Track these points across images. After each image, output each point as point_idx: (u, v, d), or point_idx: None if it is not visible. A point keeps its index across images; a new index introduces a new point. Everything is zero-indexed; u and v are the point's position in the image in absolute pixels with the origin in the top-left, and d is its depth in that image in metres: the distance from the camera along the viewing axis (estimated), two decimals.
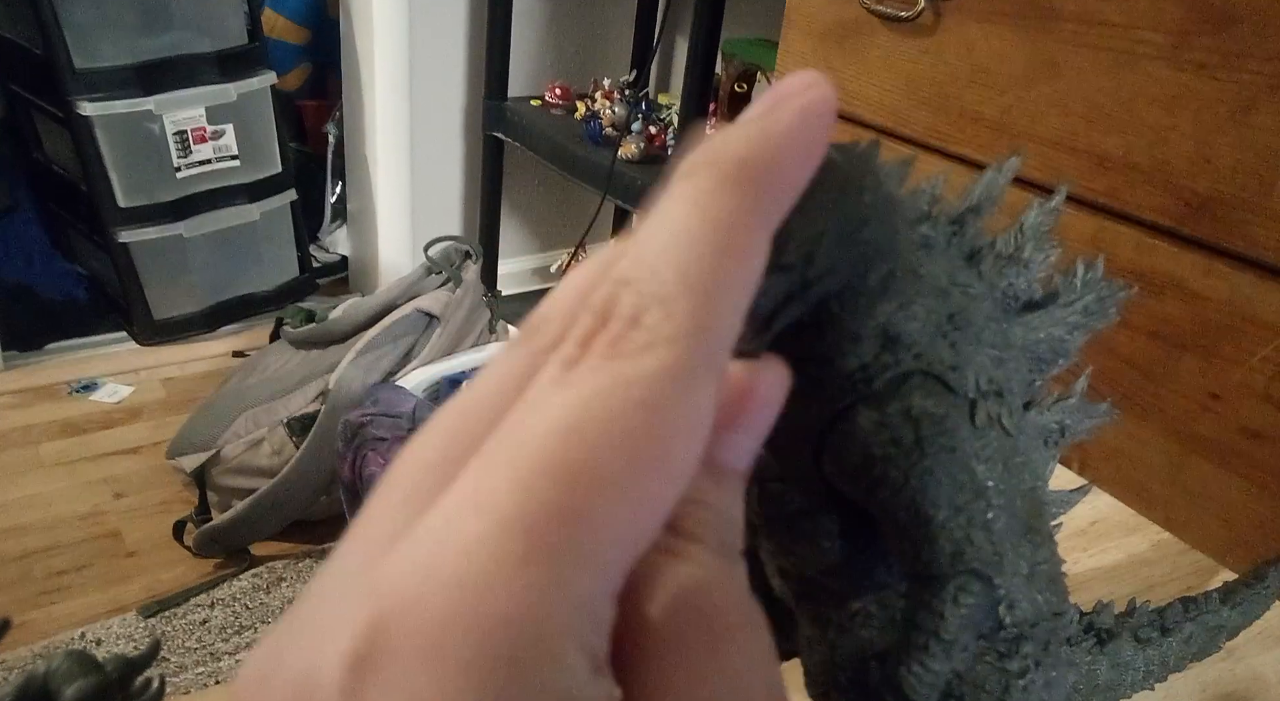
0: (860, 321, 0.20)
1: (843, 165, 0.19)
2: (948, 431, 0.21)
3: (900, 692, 0.22)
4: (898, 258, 0.20)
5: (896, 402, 0.21)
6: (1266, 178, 0.73)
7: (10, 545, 1.54)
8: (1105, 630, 0.31)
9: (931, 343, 0.21)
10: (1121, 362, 0.84)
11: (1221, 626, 0.35)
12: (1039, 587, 0.25)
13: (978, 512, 0.21)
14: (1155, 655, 0.32)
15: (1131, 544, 0.58)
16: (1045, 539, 0.25)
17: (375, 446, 1.28)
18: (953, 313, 0.22)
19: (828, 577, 0.24)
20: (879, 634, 0.23)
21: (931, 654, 0.21)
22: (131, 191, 1.93)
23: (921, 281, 0.22)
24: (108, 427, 1.84)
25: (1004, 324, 0.24)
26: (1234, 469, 0.79)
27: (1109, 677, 0.31)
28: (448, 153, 2.23)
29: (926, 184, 0.24)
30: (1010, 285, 0.25)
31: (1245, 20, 0.73)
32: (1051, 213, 0.26)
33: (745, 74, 1.80)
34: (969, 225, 0.24)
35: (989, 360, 0.23)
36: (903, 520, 0.21)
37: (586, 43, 2.26)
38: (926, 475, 0.21)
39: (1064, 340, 0.26)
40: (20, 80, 1.97)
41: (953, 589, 0.21)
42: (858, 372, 0.21)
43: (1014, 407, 0.24)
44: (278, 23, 2.32)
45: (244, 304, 2.17)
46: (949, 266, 0.23)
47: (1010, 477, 0.22)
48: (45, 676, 0.29)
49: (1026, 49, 0.88)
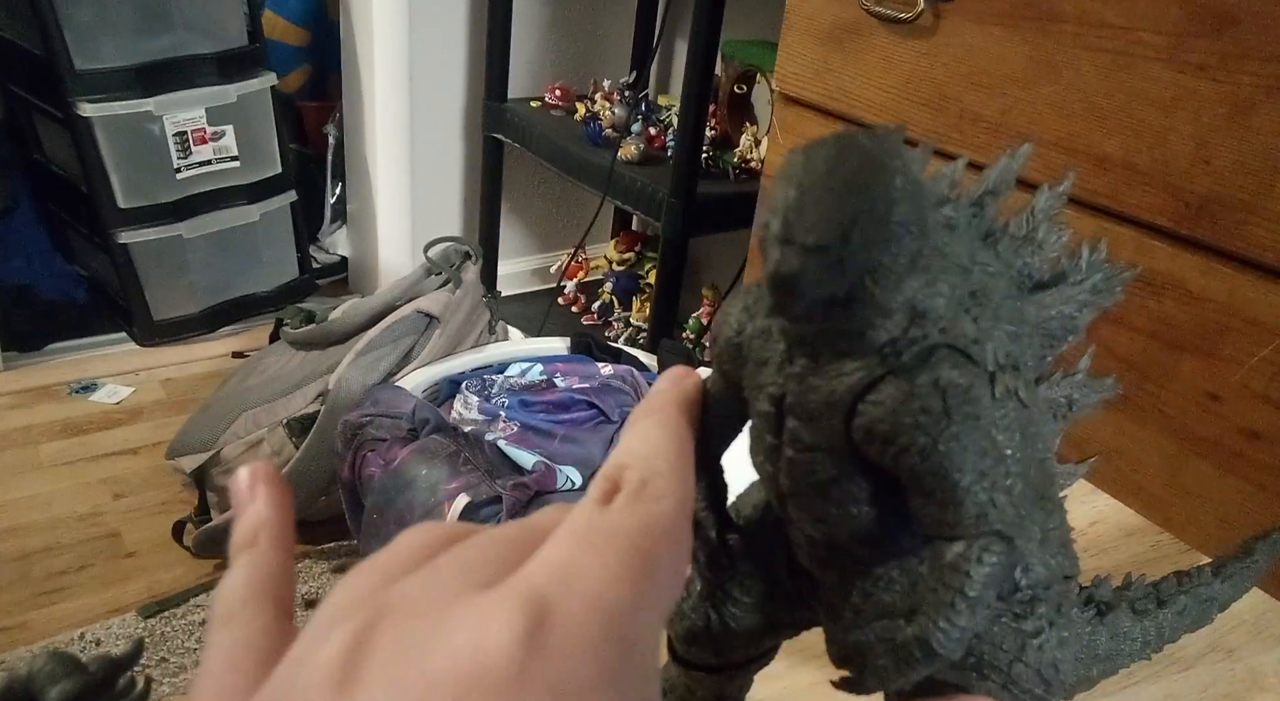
0: (890, 297, 0.21)
1: (872, 150, 0.20)
2: (973, 400, 0.22)
3: (928, 647, 0.23)
4: (926, 237, 0.21)
5: (925, 374, 0.22)
6: (1265, 178, 0.73)
7: (10, 545, 1.54)
8: (1104, 602, 0.32)
9: (956, 317, 0.23)
10: (1121, 363, 0.84)
11: (1213, 598, 0.36)
12: (1051, 551, 0.26)
13: (999, 478, 0.22)
14: (1151, 626, 0.34)
15: (1131, 544, 0.58)
16: (1056, 506, 0.27)
17: (375, 447, 1.28)
18: (974, 290, 0.24)
19: (856, 543, 0.25)
20: (901, 598, 0.25)
21: (958, 610, 0.22)
22: (131, 192, 1.93)
23: (946, 259, 0.23)
24: (107, 428, 1.84)
25: (1019, 301, 0.26)
26: (1233, 469, 0.79)
27: (1108, 648, 0.32)
28: (447, 154, 2.23)
29: (947, 169, 0.25)
30: (1025, 264, 0.26)
31: (1244, 22, 0.73)
32: (1061, 196, 0.27)
33: (745, 75, 1.80)
34: (988, 207, 0.26)
35: (1006, 335, 0.24)
36: (930, 485, 0.22)
37: (586, 44, 2.26)
38: (953, 441, 0.22)
39: (1074, 317, 0.27)
40: (20, 81, 1.97)
41: (977, 549, 0.22)
42: (887, 346, 0.22)
43: (1028, 381, 0.25)
44: (278, 24, 2.33)
45: (244, 305, 2.17)
46: (970, 246, 0.25)
47: (1025, 447, 0.23)
48: (28, 677, 0.29)
49: (1026, 50, 0.88)
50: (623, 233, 2.28)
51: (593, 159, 1.79)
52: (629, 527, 0.20)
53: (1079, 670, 0.30)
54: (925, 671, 0.23)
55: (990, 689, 0.26)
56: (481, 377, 1.47)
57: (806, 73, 1.11)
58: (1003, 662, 0.25)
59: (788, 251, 0.20)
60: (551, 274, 2.37)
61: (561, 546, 0.19)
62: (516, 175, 2.25)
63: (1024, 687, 0.26)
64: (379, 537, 1.21)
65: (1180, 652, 0.48)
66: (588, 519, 0.20)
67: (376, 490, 1.24)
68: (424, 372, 1.49)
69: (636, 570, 0.19)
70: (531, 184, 2.34)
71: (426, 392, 1.45)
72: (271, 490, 0.23)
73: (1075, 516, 0.32)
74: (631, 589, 0.18)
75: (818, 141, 0.21)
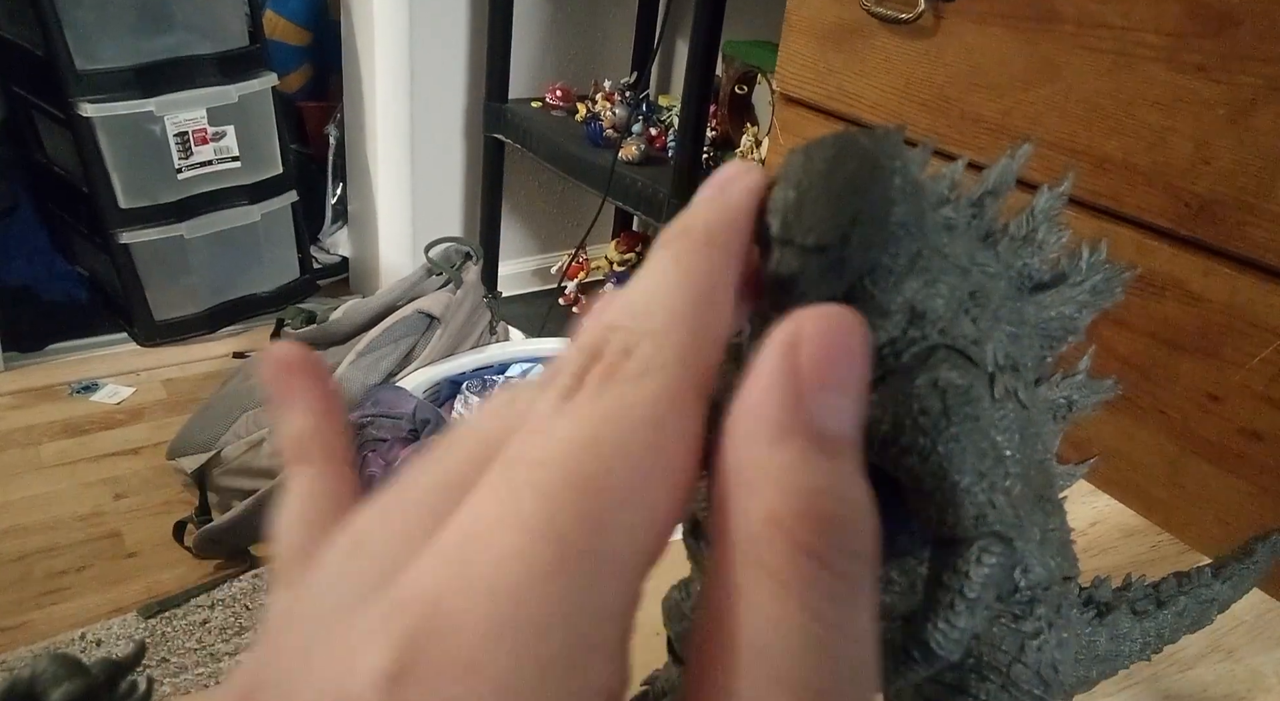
0: (890, 298, 0.21)
1: (871, 150, 0.20)
2: (972, 401, 0.22)
3: (927, 648, 0.23)
4: (925, 237, 0.21)
5: (924, 374, 0.22)
6: (1266, 179, 0.73)
7: (10, 545, 1.54)
8: (1104, 603, 0.32)
9: (955, 318, 0.23)
10: (1121, 363, 0.84)
11: (1213, 599, 0.36)
12: (1051, 552, 0.26)
13: (999, 479, 0.22)
14: (1151, 627, 0.34)
15: (1131, 545, 0.58)
16: (1055, 507, 0.27)
17: (375, 447, 1.29)
18: (974, 290, 0.23)
19: None
20: (900, 599, 0.25)
21: (957, 611, 0.22)
22: (132, 192, 1.93)
23: (945, 260, 0.23)
24: (108, 428, 1.85)
25: (1018, 302, 0.26)
26: (1233, 470, 0.79)
27: (1108, 648, 0.32)
28: (448, 154, 2.23)
29: (946, 170, 0.25)
30: (1025, 265, 0.26)
31: (1244, 22, 0.73)
32: (1061, 197, 0.27)
33: (745, 75, 1.80)
34: (987, 208, 0.26)
35: (1005, 336, 0.24)
36: (929, 486, 0.22)
37: (587, 44, 2.26)
38: (953, 442, 0.22)
39: (1074, 318, 0.27)
40: (21, 81, 1.97)
41: (977, 550, 0.22)
42: (886, 346, 0.22)
43: (1028, 382, 0.25)
44: (279, 24, 2.33)
45: (245, 305, 2.17)
46: (969, 247, 0.24)
47: (1025, 448, 0.23)
48: (31, 680, 0.29)
49: (1026, 51, 0.88)
50: (623, 233, 2.28)
51: (593, 159, 1.79)
52: (581, 439, 0.14)
53: (1078, 671, 0.30)
54: (924, 672, 0.23)
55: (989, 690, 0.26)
56: (482, 378, 1.47)
57: (807, 73, 1.11)
58: (1002, 663, 0.26)
59: (786, 252, 0.20)
60: (552, 274, 2.37)
61: (477, 507, 0.14)
62: (517, 176, 2.25)
63: (1023, 688, 0.26)
64: None
65: (1180, 653, 0.48)
66: (526, 442, 0.14)
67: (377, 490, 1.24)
68: (425, 373, 1.49)
69: (578, 518, 0.13)
70: (532, 184, 2.34)
71: (427, 393, 1.45)
72: (310, 389, 0.19)
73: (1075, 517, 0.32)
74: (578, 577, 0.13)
75: (817, 141, 0.20)
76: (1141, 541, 0.58)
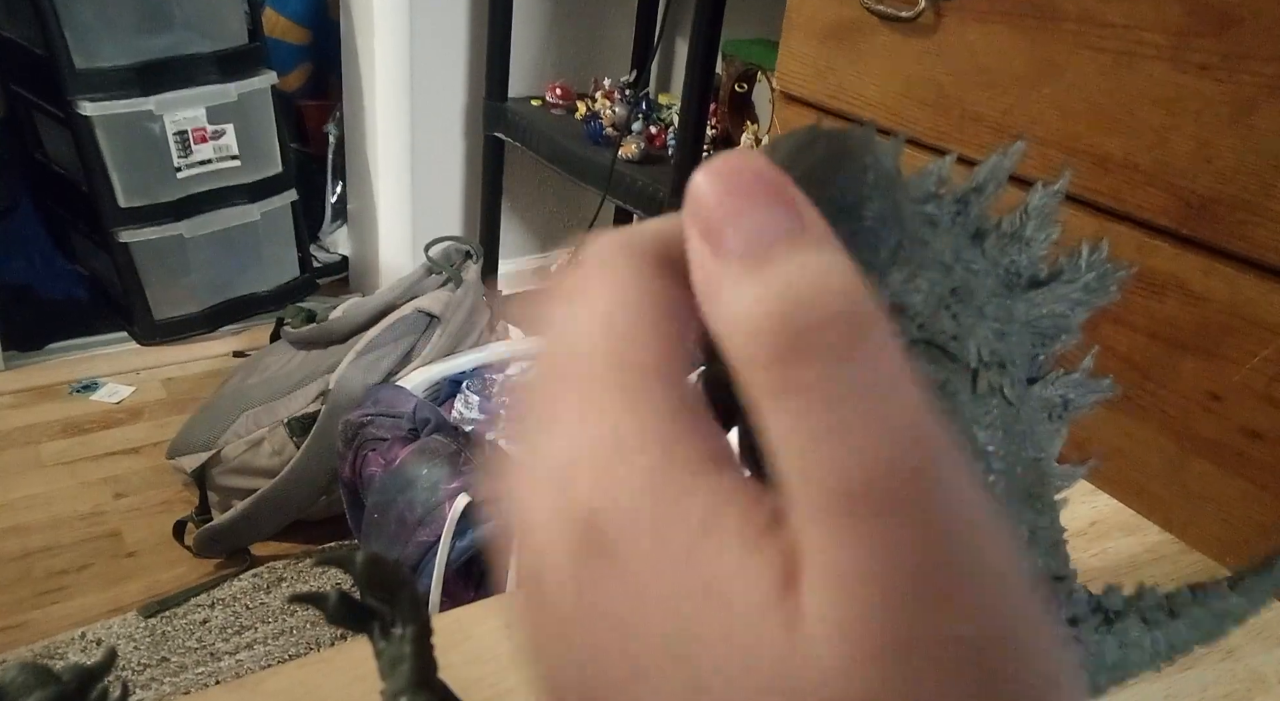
0: None
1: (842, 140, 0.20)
2: (949, 395, 0.22)
3: None
4: (904, 232, 0.21)
5: None
6: (1267, 178, 0.73)
7: (10, 545, 1.54)
8: (1113, 611, 0.32)
9: (934, 314, 0.22)
10: (1122, 363, 0.84)
11: (1229, 613, 0.36)
12: (1040, 551, 0.26)
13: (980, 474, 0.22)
14: (1162, 637, 0.33)
15: (1131, 544, 0.57)
16: (1047, 506, 0.26)
17: (375, 446, 1.28)
18: (955, 287, 0.23)
19: None
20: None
21: None
22: (132, 191, 1.93)
23: (927, 256, 0.23)
24: (108, 427, 1.84)
25: (1007, 299, 0.25)
26: (1234, 469, 0.79)
27: (1116, 657, 0.31)
28: (448, 153, 2.23)
29: (933, 165, 0.25)
30: (1013, 262, 0.26)
31: (1246, 21, 0.73)
32: (1055, 195, 0.27)
33: (745, 74, 1.80)
34: (973, 204, 0.25)
35: (991, 333, 0.24)
36: None
37: (587, 43, 2.26)
38: None
39: (1066, 316, 0.27)
40: (21, 80, 1.97)
41: None
42: None
43: (1016, 379, 0.24)
44: (278, 23, 2.32)
45: (244, 304, 2.17)
46: (953, 243, 0.24)
47: (1011, 445, 0.23)
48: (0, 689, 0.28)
49: (1027, 49, 0.88)
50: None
51: (593, 158, 1.79)
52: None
53: (1085, 677, 0.30)
54: None
55: None
56: (483, 377, 1.47)
57: (807, 71, 1.11)
58: None
59: None
60: (552, 273, 2.37)
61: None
62: (517, 174, 2.25)
63: None
64: (379, 538, 1.21)
65: None
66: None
67: (377, 490, 1.24)
68: (425, 372, 1.49)
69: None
70: (532, 183, 2.34)
71: (427, 392, 1.45)
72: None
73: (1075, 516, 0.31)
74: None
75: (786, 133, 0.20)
76: (1141, 540, 0.58)
